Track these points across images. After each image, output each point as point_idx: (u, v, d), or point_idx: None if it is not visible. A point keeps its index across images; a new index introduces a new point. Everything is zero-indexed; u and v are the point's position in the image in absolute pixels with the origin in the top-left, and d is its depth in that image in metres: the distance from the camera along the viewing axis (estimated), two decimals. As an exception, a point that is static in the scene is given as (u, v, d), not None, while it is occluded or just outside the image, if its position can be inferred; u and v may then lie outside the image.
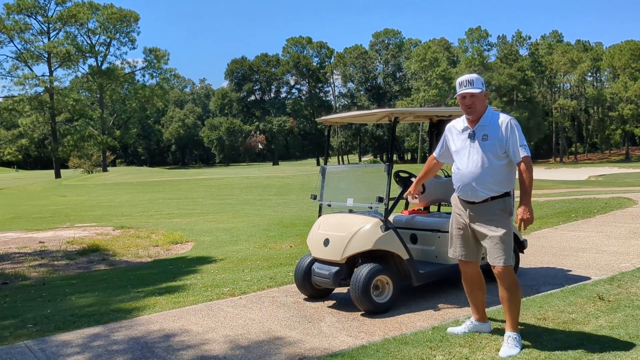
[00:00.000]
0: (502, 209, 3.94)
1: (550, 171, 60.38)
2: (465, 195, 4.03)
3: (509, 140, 3.89)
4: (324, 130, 73.25)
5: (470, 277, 4.23)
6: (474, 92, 3.93)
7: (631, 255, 7.20)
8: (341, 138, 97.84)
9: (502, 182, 3.95)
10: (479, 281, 4.22)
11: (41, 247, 11.31)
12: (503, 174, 3.95)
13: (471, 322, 4.27)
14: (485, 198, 3.95)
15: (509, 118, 3.96)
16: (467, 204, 4.05)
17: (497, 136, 3.90)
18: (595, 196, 15.66)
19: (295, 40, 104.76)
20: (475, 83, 3.96)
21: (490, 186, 3.92)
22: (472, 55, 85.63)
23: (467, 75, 4.03)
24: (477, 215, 4.01)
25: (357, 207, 5.55)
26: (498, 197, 3.95)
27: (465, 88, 3.96)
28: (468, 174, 3.96)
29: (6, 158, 71.71)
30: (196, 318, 5.17)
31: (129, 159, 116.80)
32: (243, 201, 23.09)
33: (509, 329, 3.94)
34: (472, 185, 3.94)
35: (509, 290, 3.93)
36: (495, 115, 4.01)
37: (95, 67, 68.47)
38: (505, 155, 3.93)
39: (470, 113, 4.00)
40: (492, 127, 3.94)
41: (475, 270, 4.20)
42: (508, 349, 3.79)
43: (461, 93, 3.97)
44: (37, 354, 4.32)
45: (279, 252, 9.50)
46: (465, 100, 3.98)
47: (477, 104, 3.97)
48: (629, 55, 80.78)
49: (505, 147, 3.90)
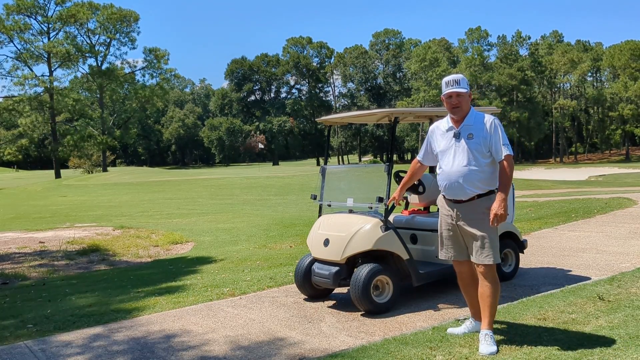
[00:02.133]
0: (488, 207, 3.95)
1: (550, 171, 60.37)
2: (452, 194, 4.06)
3: (492, 138, 3.96)
4: (324, 130, 73.24)
5: (466, 276, 4.25)
6: (460, 92, 3.99)
7: (631, 255, 7.20)
8: (341, 138, 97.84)
9: (487, 180, 3.99)
10: (474, 279, 4.21)
11: (41, 247, 11.32)
12: (488, 172, 4.00)
13: (471, 322, 4.28)
14: (472, 196, 3.99)
15: (493, 118, 4.05)
16: (454, 203, 4.08)
17: (482, 135, 3.97)
18: (595, 196, 15.65)
19: (295, 40, 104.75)
20: (461, 83, 4.02)
21: (477, 184, 3.97)
22: (472, 55, 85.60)
23: (454, 75, 4.08)
24: (464, 213, 4.04)
25: (357, 207, 5.55)
26: (484, 194, 4.00)
27: (452, 87, 4.01)
28: (455, 172, 3.99)
29: (6, 158, 71.75)
30: (196, 318, 5.17)
31: (129, 159, 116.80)
32: (243, 201, 23.09)
33: (486, 327, 3.96)
34: (459, 183, 3.98)
35: (491, 287, 3.98)
36: (480, 115, 4.08)
37: (95, 67, 68.45)
38: (489, 154, 3.99)
39: (456, 113, 4.04)
40: (476, 126, 4.01)
41: (470, 268, 4.21)
42: (488, 346, 3.82)
43: (448, 92, 4.02)
44: (37, 354, 4.32)
45: (279, 252, 9.50)
46: (451, 100, 4.02)
47: (463, 103, 4.03)
48: (629, 55, 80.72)
49: (489, 145, 3.96)
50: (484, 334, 3.92)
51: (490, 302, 3.98)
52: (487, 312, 3.98)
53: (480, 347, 3.84)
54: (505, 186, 3.93)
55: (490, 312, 3.98)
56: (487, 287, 3.99)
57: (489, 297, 3.98)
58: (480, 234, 3.96)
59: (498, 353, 3.78)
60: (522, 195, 19.06)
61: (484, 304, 4.01)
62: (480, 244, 3.96)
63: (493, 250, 3.96)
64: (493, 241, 3.98)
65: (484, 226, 3.96)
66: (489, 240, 3.96)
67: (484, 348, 3.82)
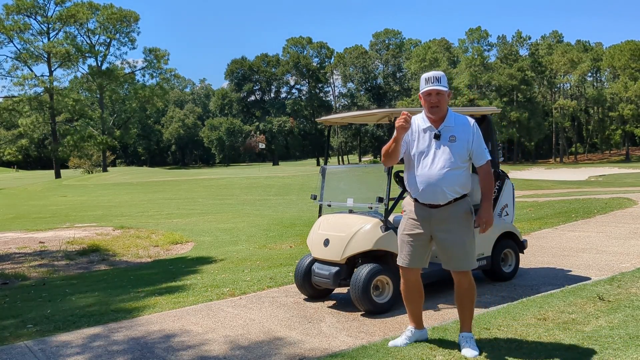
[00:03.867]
0: (466, 211, 3.88)
1: (550, 171, 60.36)
2: (430, 198, 3.86)
3: (475, 142, 3.85)
4: (324, 130, 73.22)
5: (413, 285, 4.10)
6: (440, 90, 3.81)
7: (631, 255, 7.20)
8: (341, 138, 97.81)
9: (464, 185, 3.89)
10: (419, 289, 4.12)
11: (41, 247, 11.31)
12: (466, 177, 3.89)
13: (411, 332, 4.12)
14: (449, 200, 3.85)
15: (473, 121, 3.92)
16: (430, 208, 3.90)
17: (465, 138, 3.84)
18: (595, 196, 15.66)
19: (295, 40, 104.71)
20: (442, 80, 3.84)
21: (456, 188, 3.84)
22: (472, 56, 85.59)
23: (434, 72, 3.90)
24: (440, 219, 3.87)
25: (357, 207, 5.55)
26: (460, 198, 3.89)
27: (432, 85, 3.82)
28: (435, 175, 3.81)
29: (6, 158, 71.78)
30: (196, 318, 5.17)
31: (129, 159, 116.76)
32: (243, 201, 23.09)
33: (466, 329, 3.93)
34: (440, 187, 3.81)
35: (468, 292, 3.91)
36: (461, 117, 3.93)
37: (95, 67, 68.45)
38: (469, 158, 3.88)
39: (434, 112, 3.85)
40: (459, 129, 3.85)
41: (418, 277, 4.09)
42: (471, 350, 3.78)
43: (427, 90, 3.82)
44: (37, 354, 4.32)
45: (279, 252, 9.51)
46: (430, 98, 3.82)
47: (442, 102, 3.84)
48: (629, 55, 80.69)
49: (471, 149, 3.85)
50: (467, 336, 3.88)
51: (470, 307, 3.93)
52: (468, 316, 3.94)
53: (465, 351, 3.78)
54: (489, 193, 3.85)
55: (470, 316, 3.95)
56: (466, 293, 3.91)
57: (467, 301, 3.92)
58: (458, 240, 3.84)
59: (498, 353, 3.77)
60: (522, 195, 19.06)
61: (464, 309, 3.94)
62: (458, 250, 3.85)
63: (470, 256, 3.88)
64: (471, 246, 3.88)
65: (461, 232, 3.85)
66: (467, 245, 3.86)
67: (467, 352, 3.76)
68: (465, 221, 3.87)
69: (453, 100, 76.54)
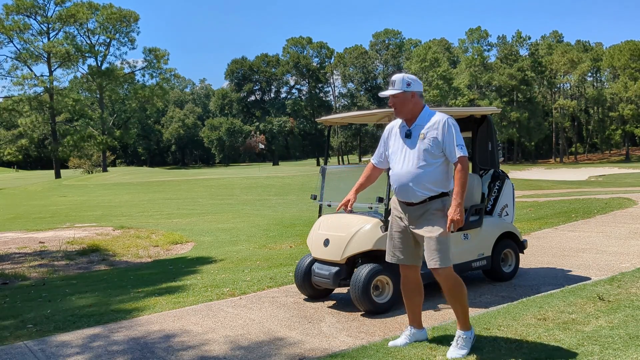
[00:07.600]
0: (438, 209, 3.84)
1: (550, 171, 60.39)
2: (404, 196, 3.91)
3: (445, 139, 3.81)
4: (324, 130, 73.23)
5: (411, 282, 4.10)
6: (391, 94, 3.89)
7: (631, 255, 7.21)
8: (341, 138, 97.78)
9: (438, 182, 3.85)
10: (419, 287, 4.12)
11: (41, 247, 11.31)
12: (439, 174, 3.85)
13: (410, 332, 4.12)
14: (423, 199, 3.84)
15: (446, 117, 3.88)
16: (406, 205, 3.93)
17: (434, 135, 3.81)
18: (595, 196, 15.66)
19: (295, 40, 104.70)
20: (396, 84, 3.88)
21: (428, 186, 3.82)
22: (472, 56, 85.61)
23: (395, 75, 3.94)
24: (415, 217, 3.90)
25: (357, 207, 5.54)
26: (436, 197, 3.85)
27: (387, 89, 3.94)
28: (405, 173, 3.85)
29: (6, 158, 71.67)
30: (196, 318, 5.17)
31: (129, 159, 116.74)
32: (243, 201, 23.09)
33: (459, 327, 3.90)
34: (409, 186, 3.83)
35: (453, 290, 3.87)
36: (434, 114, 3.93)
37: (95, 67, 68.42)
38: (441, 155, 3.84)
39: (396, 114, 3.98)
40: (429, 126, 3.85)
41: (417, 275, 4.10)
42: (456, 349, 3.76)
43: (383, 95, 3.96)
44: (37, 354, 4.32)
45: (279, 252, 9.51)
46: (389, 101, 3.95)
47: (398, 104, 3.89)
48: (629, 55, 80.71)
49: (442, 146, 3.82)
50: (458, 335, 3.86)
51: (460, 304, 3.88)
52: (460, 313, 3.89)
53: (450, 349, 3.77)
54: (460, 189, 3.75)
55: (461, 312, 3.88)
56: (450, 291, 3.87)
57: (454, 300, 3.88)
58: (429, 235, 3.81)
59: (498, 353, 3.77)
60: (522, 195, 19.07)
61: (454, 307, 3.91)
62: (429, 246, 3.81)
63: (441, 254, 3.78)
64: (442, 244, 3.80)
65: (434, 227, 3.81)
66: (439, 242, 3.80)
67: (451, 351, 3.75)
68: (436, 218, 3.83)
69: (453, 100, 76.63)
